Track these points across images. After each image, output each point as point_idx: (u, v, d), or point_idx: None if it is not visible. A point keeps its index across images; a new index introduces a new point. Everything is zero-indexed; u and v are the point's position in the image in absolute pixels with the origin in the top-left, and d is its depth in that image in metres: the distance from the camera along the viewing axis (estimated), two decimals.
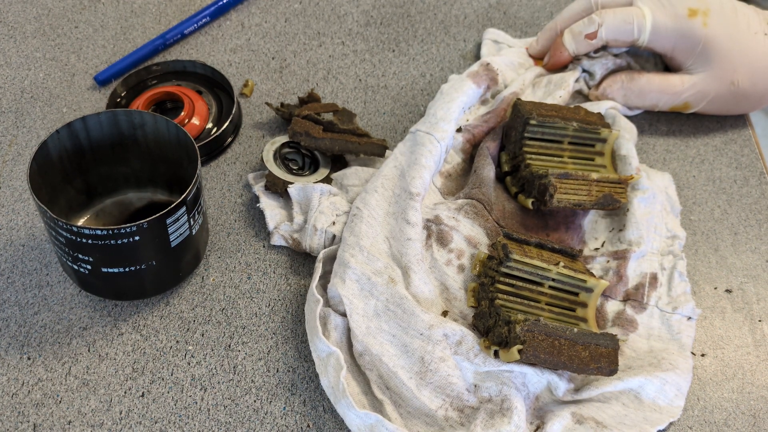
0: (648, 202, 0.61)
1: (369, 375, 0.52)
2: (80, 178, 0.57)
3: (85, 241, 0.49)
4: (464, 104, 0.64)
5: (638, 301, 0.58)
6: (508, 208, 0.61)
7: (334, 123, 0.63)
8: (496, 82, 0.67)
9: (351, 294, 0.53)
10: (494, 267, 0.55)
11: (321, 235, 0.57)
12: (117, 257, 0.50)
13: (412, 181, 0.58)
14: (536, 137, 0.61)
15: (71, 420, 0.51)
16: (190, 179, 0.51)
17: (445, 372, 0.51)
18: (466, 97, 0.64)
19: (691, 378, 0.55)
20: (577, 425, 0.51)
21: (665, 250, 0.60)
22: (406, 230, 0.56)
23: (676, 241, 0.60)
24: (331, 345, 0.51)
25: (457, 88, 0.64)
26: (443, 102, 0.63)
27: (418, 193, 0.57)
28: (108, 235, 0.49)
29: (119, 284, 0.53)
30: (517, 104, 0.62)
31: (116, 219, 0.59)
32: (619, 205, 0.59)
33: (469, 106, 0.65)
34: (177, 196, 0.59)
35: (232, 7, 0.75)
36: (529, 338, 0.50)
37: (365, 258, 0.55)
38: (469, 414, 0.51)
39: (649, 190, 0.61)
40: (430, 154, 0.59)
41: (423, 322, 0.52)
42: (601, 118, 0.63)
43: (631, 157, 0.63)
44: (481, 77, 0.66)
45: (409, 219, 0.56)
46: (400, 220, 0.56)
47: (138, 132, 0.55)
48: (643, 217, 0.60)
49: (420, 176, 0.58)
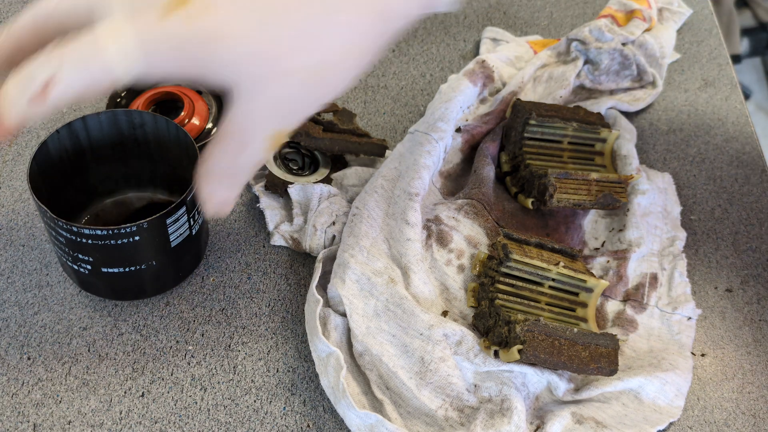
0: (648, 202, 0.61)
1: (369, 375, 0.52)
2: (80, 177, 0.57)
3: (85, 241, 0.49)
4: (462, 103, 0.64)
5: (638, 301, 0.58)
6: (508, 208, 0.61)
7: (334, 123, 0.63)
8: (492, 79, 0.67)
9: (351, 294, 0.53)
10: (494, 267, 0.55)
11: (321, 235, 0.57)
12: (117, 257, 0.51)
13: (411, 181, 0.58)
14: (536, 137, 0.61)
15: (71, 420, 0.51)
16: (190, 179, 0.51)
17: (445, 372, 0.51)
18: (464, 96, 0.64)
19: (691, 378, 0.55)
20: (577, 425, 0.51)
21: (665, 250, 0.60)
22: (405, 231, 0.56)
23: (676, 241, 0.60)
24: (331, 345, 0.51)
25: (453, 87, 0.64)
26: (441, 102, 0.63)
27: (417, 193, 0.57)
28: (108, 235, 0.49)
29: (119, 284, 0.53)
30: (517, 104, 0.62)
31: (116, 219, 0.59)
32: (619, 205, 0.59)
33: (468, 105, 0.65)
34: (177, 196, 0.59)
35: None
36: (529, 338, 0.50)
37: (365, 258, 0.55)
38: (469, 414, 0.51)
39: (649, 191, 0.61)
40: (428, 154, 0.59)
41: (423, 322, 0.52)
42: (600, 118, 0.63)
43: (631, 158, 0.63)
44: (476, 75, 0.66)
45: (409, 219, 0.56)
46: (400, 220, 0.56)
47: (138, 132, 0.55)
48: (643, 218, 0.60)
49: (419, 176, 0.58)
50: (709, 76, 0.74)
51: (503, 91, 0.66)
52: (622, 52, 0.68)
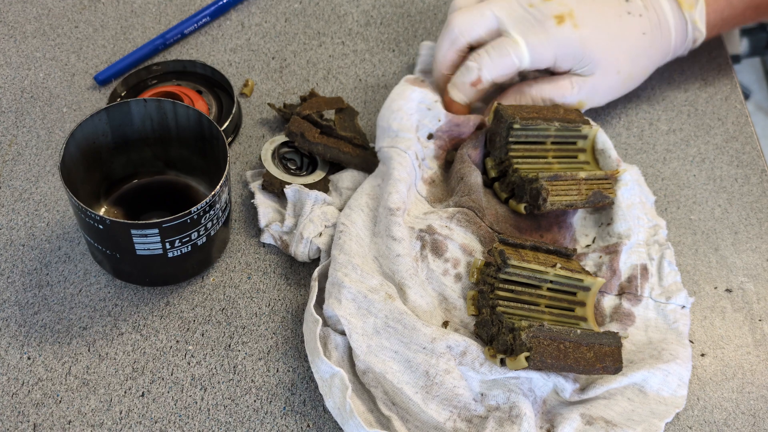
0: (630, 193, 0.61)
1: (374, 392, 0.52)
2: (103, 167, 0.59)
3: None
4: (413, 109, 0.62)
5: (633, 293, 0.58)
6: (500, 212, 0.61)
7: (333, 127, 0.63)
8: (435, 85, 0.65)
9: (348, 314, 0.53)
10: (492, 274, 0.55)
11: (306, 244, 0.57)
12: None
13: (389, 196, 0.57)
14: (521, 141, 0.61)
15: (71, 420, 0.51)
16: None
17: (450, 384, 0.51)
18: (413, 102, 0.62)
19: (691, 366, 0.55)
20: (587, 426, 0.51)
21: (650, 239, 0.60)
22: (393, 247, 0.55)
23: (659, 230, 0.61)
24: (334, 365, 0.51)
25: (400, 94, 0.62)
26: (390, 112, 0.61)
27: (398, 207, 0.57)
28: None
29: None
30: (499, 109, 0.61)
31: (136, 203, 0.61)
32: (609, 201, 0.60)
33: (427, 106, 0.63)
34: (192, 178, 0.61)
35: (232, 7, 0.75)
36: (535, 344, 0.50)
37: (359, 276, 0.54)
38: (477, 424, 0.51)
39: (630, 182, 0.61)
40: (401, 166, 0.59)
41: (425, 336, 0.52)
42: (580, 115, 0.63)
43: (608, 149, 0.63)
44: (418, 81, 0.64)
45: (395, 235, 0.56)
46: (386, 237, 0.56)
47: (171, 123, 0.58)
48: (628, 209, 0.60)
49: (396, 190, 0.57)
50: (708, 76, 0.74)
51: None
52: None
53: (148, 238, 0.51)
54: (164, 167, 0.61)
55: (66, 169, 0.52)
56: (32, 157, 0.63)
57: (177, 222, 0.51)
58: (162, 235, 0.51)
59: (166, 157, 0.60)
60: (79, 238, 0.59)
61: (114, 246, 0.52)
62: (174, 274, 0.56)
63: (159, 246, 0.52)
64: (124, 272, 0.55)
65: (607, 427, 0.51)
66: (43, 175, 0.62)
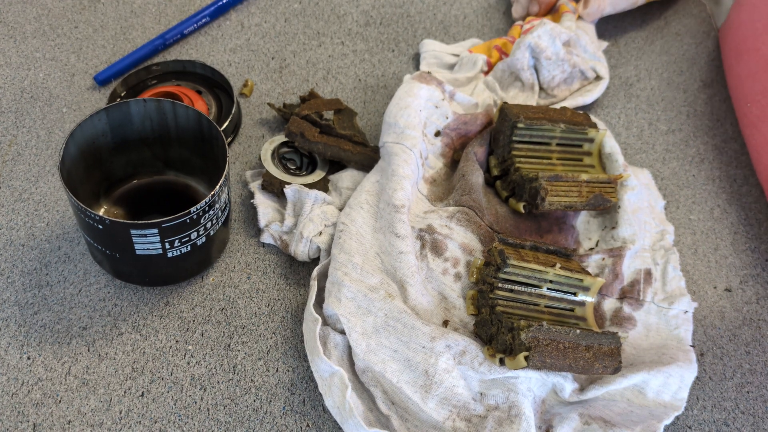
0: (637, 198, 0.61)
1: (373, 391, 0.52)
2: (104, 167, 0.58)
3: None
4: (422, 107, 0.62)
5: (634, 297, 0.58)
6: (500, 211, 0.61)
7: (332, 126, 0.63)
8: (442, 83, 0.65)
9: (348, 312, 0.53)
10: (492, 273, 0.55)
11: (306, 243, 0.57)
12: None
13: (394, 193, 0.57)
14: (524, 140, 0.61)
15: (71, 419, 0.51)
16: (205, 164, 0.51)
17: (450, 383, 0.51)
18: (421, 99, 0.62)
19: (695, 369, 0.55)
20: (585, 426, 0.51)
21: (656, 244, 0.60)
22: (396, 244, 0.55)
23: (666, 235, 0.61)
24: (334, 364, 0.51)
25: (408, 92, 0.63)
26: (398, 109, 0.62)
27: (403, 204, 0.57)
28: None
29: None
30: (504, 108, 0.61)
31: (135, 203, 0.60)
32: (609, 205, 0.59)
33: (435, 104, 0.63)
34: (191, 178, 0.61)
35: (231, 7, 0.75)
36: (535, 344, 0.50)
37: (359, 275, 0.54)
38: (476, 423, 0.51)
39: (637, 186, 0.61)
40: (405, 164, 0.59)
41: (424, 335, 0.52)
42: (587, 119, 0.63)
43: (616, 154, 0.63)
44: (425, 78, 0.64)
45: (398, 232, 0.56)
46: (389, 234, 0.56)
47: (171, 123, 0.57)
48: (634, 213, 0.60)
49: (401, 187, 0.57)
50: (708, 77, 0.74)
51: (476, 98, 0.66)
52: (570, 61, 0.68)
53: (147, 238, 0.51)
54: (164, 167, 0.61)
55: (66, 169, 0.52)
56: (32, 157, 0.63)
57: (176, 222, 0.51)
58: (161, 235, 0.51)
59: (165, 157, 0.60)
60: (78, 238, 0.59)
61: (113, 246, 0.52)
62: (173, 274, 0.56)
63: (158, 246, 0.52)
64: (124, 272, 0.55)
65: (605, 428, 0.51)
66: (43, 175, 0.62)
